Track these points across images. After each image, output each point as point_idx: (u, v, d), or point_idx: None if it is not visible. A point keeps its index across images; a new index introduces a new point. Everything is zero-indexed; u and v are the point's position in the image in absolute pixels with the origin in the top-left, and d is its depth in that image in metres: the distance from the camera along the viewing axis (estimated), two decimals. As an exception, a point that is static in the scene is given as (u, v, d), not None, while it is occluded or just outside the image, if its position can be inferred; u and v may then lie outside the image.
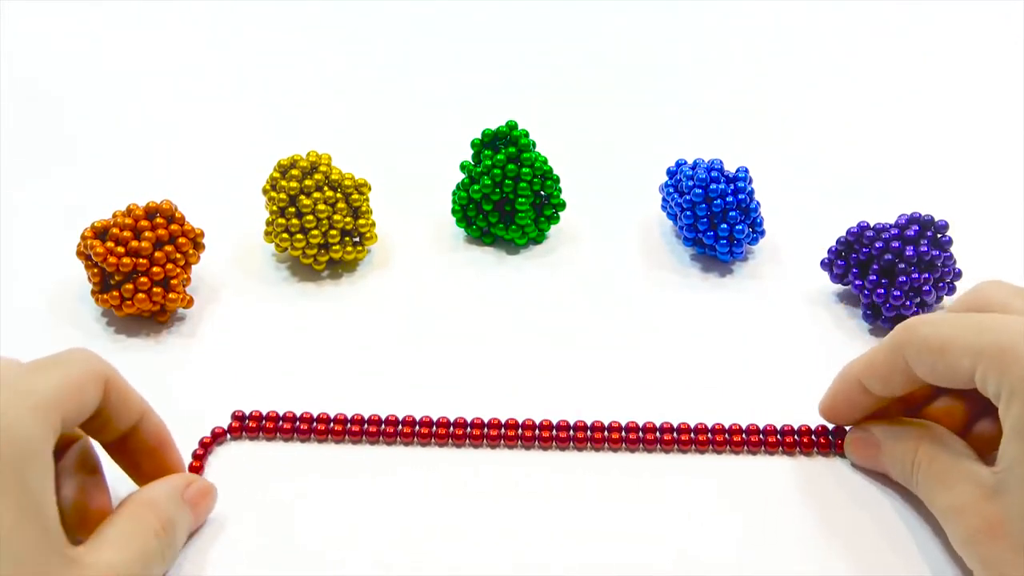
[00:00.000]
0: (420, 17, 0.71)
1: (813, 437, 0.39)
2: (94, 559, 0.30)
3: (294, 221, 0.45)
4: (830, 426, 0.39)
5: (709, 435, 0.39)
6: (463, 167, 0.49)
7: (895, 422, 0.37)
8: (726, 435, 0.39)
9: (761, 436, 0.39)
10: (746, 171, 0.47)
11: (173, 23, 0.70)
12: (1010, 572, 0.30)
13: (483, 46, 0.68)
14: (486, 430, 0.39)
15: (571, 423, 0.39)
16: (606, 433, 0.39)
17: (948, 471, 0.34)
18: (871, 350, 0.36)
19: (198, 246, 0.45)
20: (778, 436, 0.39)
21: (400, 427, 0.39)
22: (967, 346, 0.32)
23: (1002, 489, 0.31)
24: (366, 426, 0.39)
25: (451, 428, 0.39)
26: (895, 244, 0.43)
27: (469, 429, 0.39)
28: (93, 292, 0.44)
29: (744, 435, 0.39)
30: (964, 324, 0.33)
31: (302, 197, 0.45)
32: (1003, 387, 0.31)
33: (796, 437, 0.39)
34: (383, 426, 0.39)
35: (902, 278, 0.43)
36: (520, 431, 0.39)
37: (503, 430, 0.39)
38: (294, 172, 0.45)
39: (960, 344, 0.32)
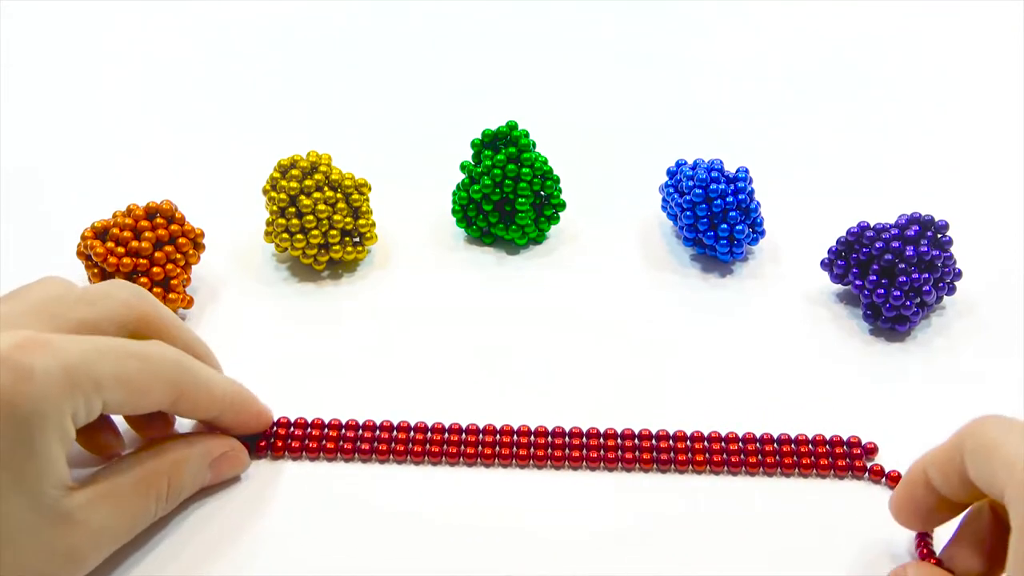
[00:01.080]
0: (420, 17, 0.71)
1: (828, 447, 0.38)
2: (86, 516, 0.30)
3: (294, 221, 0.45)
4: (844, 436, 0.39)
5: (722, 446, 0.38)
6: (463, 167, 0.49)
7: (931, 569, 0.32)
8: (741, 454, 0.38)
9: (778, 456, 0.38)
10: (746, 171, 0.47)
11: (173, 22, 0.70)
12: None
13: (483, 46, 0.68)
14: (484, 438, 0.39)
15: (584, 431, 0.39)
16: (619, 440, 0.39)
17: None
18: (945, 442, 0.31)
19: (198, 246, 0.45)
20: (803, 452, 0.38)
21: (395, 433, 0.39)
22: (1010, 453, 0.28)
23: None
24: (361, 432, 0.39)
25: (445, 434, 0.39)
26: (895, 244, 0.43)
27: (464, 435, 0.39)
28: (93, 292, 0.44)
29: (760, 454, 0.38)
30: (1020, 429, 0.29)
31: (302, 197, 0.45)
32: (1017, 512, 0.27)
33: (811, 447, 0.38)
34: (378, 431, 0.39)
35: (902, 278, 0.43)
36: (516, 437, 0.39)
37: (498, 439, 0.39)
38: (294, 172, 0.45)
39: (1007, 449, 0.28)
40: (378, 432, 0.39)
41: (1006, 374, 0.42)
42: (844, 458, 0.38)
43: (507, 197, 0.48)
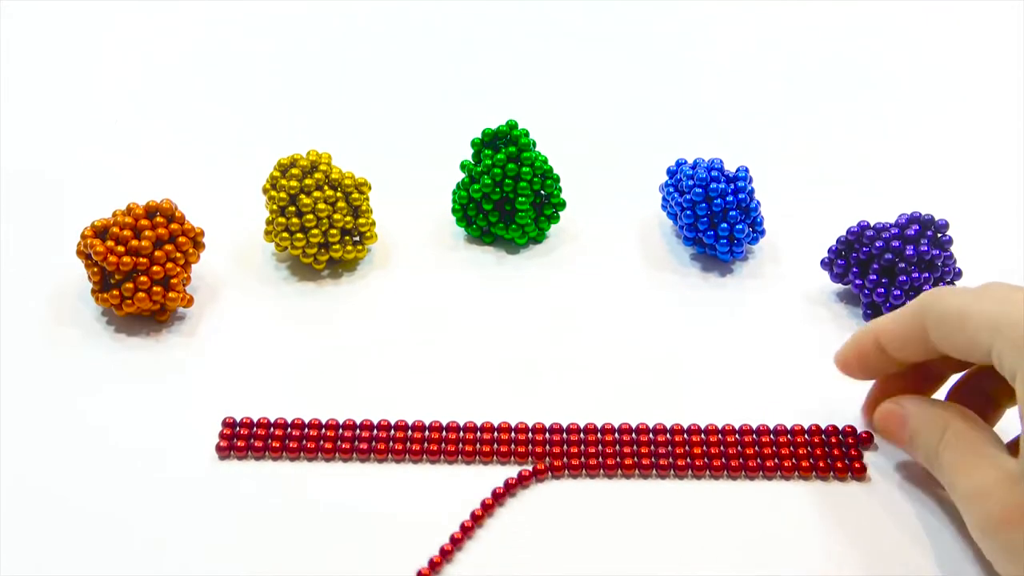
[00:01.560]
0: (420, 16, 0.71)
1: (824, 437, 0.39)
2: None
3: (294, 220, 0.45)
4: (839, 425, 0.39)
5: (721, 444, 0.38)
6: (463, 166, 0.49)
7: (926, 400, 0.36)
8: (740, 457, 0.38)
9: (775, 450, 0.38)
10: (746, 171, 0.47)
11: (173, 22, 0.70)
12: None
13: (483, 45, 0.68)
14: (481, 435, 0.39)
15: (582, 426, 0.39)
16: (616, 435, 0.39)
17: (973, 455, 0.33)
18: (895, 311, 0.36)
19: (198, 245, 0.45)
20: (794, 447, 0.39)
21: (393, 432, 0.39)
22: (987, 319, 0.31)
23: None
24: (359, 432, 0.39)
25: (443, 432, 0.39)
26: (895, 243, 0.43)
27: (462, 433, 0.39)
28: (93, 291, 0.44)
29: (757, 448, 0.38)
30: (987, 296, 0.32)
31: (302, 196, 0.45)
32: (1018, 366, 0.30)
33: (807, 437, 0.39)
34: (376, 431, 0.39)
35: (902, 277, 0.43)
36: (513, 434, 0.39)
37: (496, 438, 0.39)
38: (294, 171, 0.45)
39: (980, 316, 0.32)
40: (375, 431, 0.39)
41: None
42: (840, 447, 0.38)
43: (507, 196, 0.48)
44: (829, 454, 0.38)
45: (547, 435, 0.39)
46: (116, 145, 0.57)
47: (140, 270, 0.43)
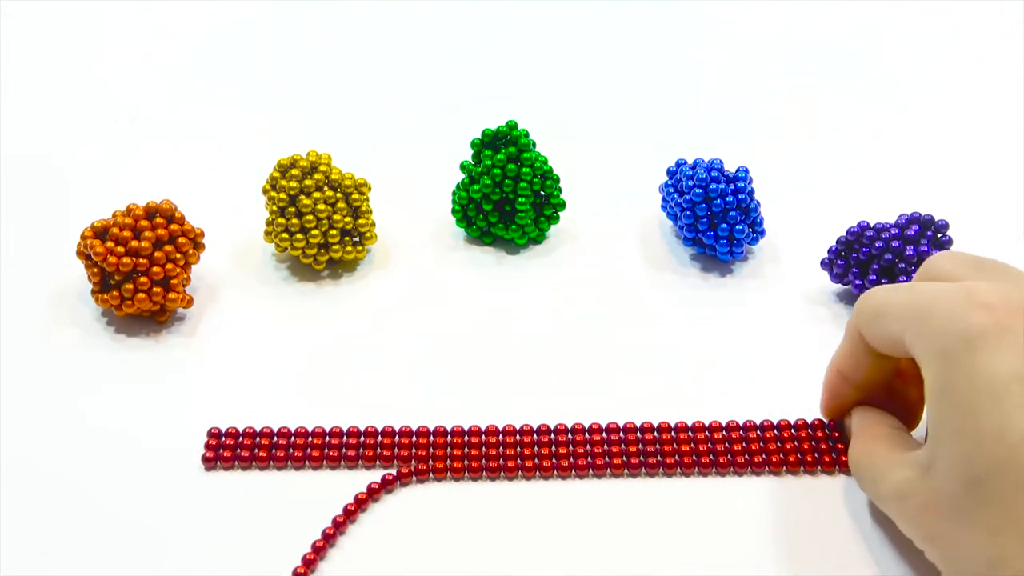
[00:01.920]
0: (420, 17, 0.71)
1: (811, 431, 0.39)
2: None
3: (294, 221, 0.45)
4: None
5: (709, 445, 0.38)
6: (463, 167, 0.49)
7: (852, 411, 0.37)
8: (727, 452, 0.38)
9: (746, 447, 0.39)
10: (746, 171, 0.47)
11: (173, 22, 0.70)
12: (954, 541, 0.30)
13: (484, 46, 0.68)
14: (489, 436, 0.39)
15: (586, 426, 0.39)
16: (616, 434, 0.39)
17: (883, 460, 0.34)
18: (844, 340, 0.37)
19: (198, 246, 0.45)
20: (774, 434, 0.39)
21: (397, 438, 0.39)
22: (898, 309, 0.33)
23: (933, 462, 0.31)
24: (363, 438, 0.39)
25: (448, 437, 0.39)
26: (895, 244, 0.43)
27: (467, 437, 0.39)
28: (93, 292, 0.44)
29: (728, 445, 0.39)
30: (901, 288, 0.34)
31: (302, 197, 0.45)
32: (920, 350, 0.31)
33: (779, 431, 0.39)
34: (380, 438, 0.39)
35: (902, 278, 0.43)
36: (519, 437, 0.39)
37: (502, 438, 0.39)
38: (294, 172, 0.45)
39: (893, 308, 0.33)
40: (380, 438, 0.39)
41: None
42: (827, 440, 0.39)
43: (507, 197, 0.48)
44: (816, 448, 0.38)
45: (552, 435, 0.39)
46: (116, 146, 0.57)
47: (140, 271, 0.43)
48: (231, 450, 0.38)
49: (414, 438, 0.39)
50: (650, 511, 0.36)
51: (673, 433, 0.39)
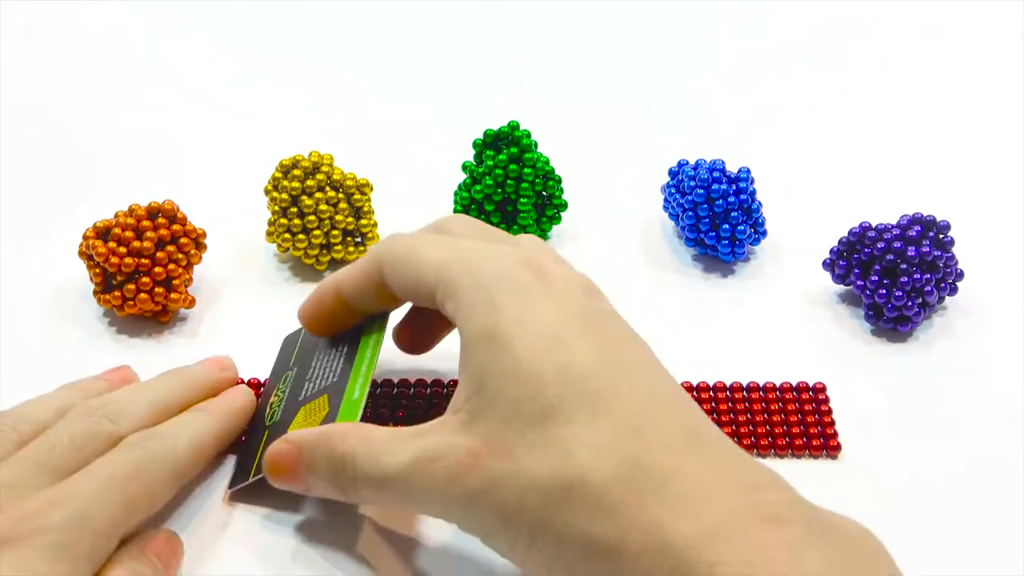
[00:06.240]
0: (422, 17, 0.71)
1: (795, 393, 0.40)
2: None
3: (296, 221, 0.45)
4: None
5: None
6: (465, 167, 0.49)
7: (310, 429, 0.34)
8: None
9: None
10: (748, 171, 0.47)
11: (175, 22, 0.70)
12: (502, 485, 0.29)
13: (485, 46, 0.68)
14: None
15: None
16: None
17: (387, 441, 0.32)
18: (352, 264, 0.37)
19: (200, 246, 0.45)
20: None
21: None
22: (434, 264, 0.33)
23: (478, 411, 0.30)
24: None
25: None
26: (897, 245, 0.43)
27: None
28: (95, 292, 0.44)
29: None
30: (437, 239, 0.35)
31: (304, 197, 0.45)
32: (456, 305, 0.32)
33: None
34: None
35: (904, 279, 0.43)
36: None
37: None
38: (296, 172, 0.46)
39: (429, 261, 0.33)
40: None
41: (1008, 374, 0.42)
42: (816, 425, 0.39)
43: (509, 197, 0.48)
44: (805, 432, 0.39)
45: None
46: (118, 145, 0.57)
47: (142, 271, 0.43)
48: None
49: None
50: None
51: None
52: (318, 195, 0.45)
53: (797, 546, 0.26)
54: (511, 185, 0.48)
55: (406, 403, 0.40)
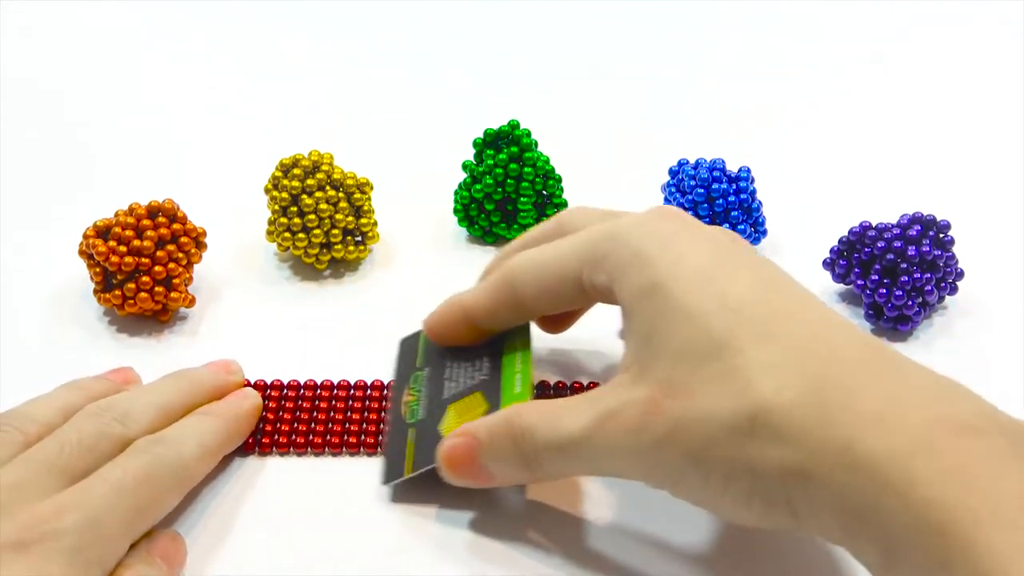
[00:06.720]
0: (422, 17, 0.71)
1: None
2: None
3: (296, 220, 0.45)
4: None
5: None
6: (465, 166, 0.49)
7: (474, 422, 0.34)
8: None
9: None
10: (748, 171, 0.47)
11: (175, 22, 0.70)
12: (686, 426, 0.28)
13: (485, 46, 0.68)
14: None
15: None
16: None
17: (564, 408, 0.32)
18: (479, 285, 0.38)
19: (200, 245, 0.45)
20: None
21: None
22: (571, 252, 0.34)
23: (647, 361, 0.30)
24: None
25: None
26: (897, 244, 0.43)
27: None
28: (95, 291, 0.44)
29: None
30: (560, 241, 0.35)
31: (304, 196, 0.45)
32: (608, 274, 0.32)
33: None
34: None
35: (904, 278, 0.43)
36: None
37: None
38: (296, 171, 0.46)
39: (563, 252, 0.34)
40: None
41: (1008, 373, 0.42)
42: None
43: (509, 196, 0.48)
44: None
45: None
46: (118, 144, 0.57)
47: (142, 270, 0.43)
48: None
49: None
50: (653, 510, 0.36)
51: None
52: (318, 194, 0.45)
53: (997, 457, 0.25)
54: (511, 184, 0.48)
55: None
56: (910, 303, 0.43)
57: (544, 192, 0.49)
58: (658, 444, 0.29)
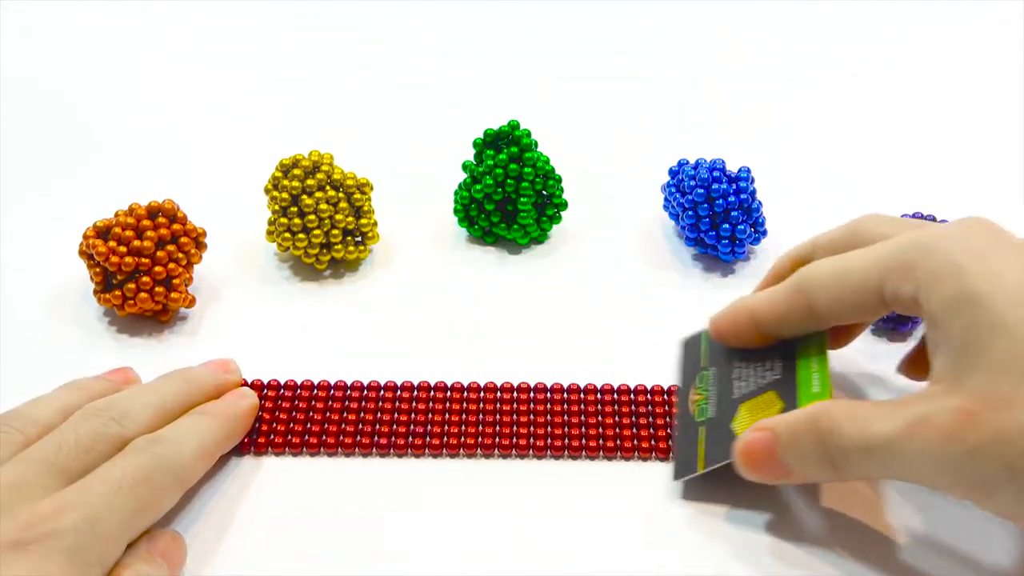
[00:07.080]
0: (422, 17, 0.71)
1: None
2: None
3: (296, 220, 0.45)
4: None
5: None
6: (465, 167, 0.49)
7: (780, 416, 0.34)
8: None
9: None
10: (748, 171, 0.47)
11: (175, 22, 0.70)
12: (1006, 438, 0.28)
13: (485, 46, 0.68)
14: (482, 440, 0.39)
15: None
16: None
17: (873, 410, 0.31)
18: (770, 291, 0.37)
19: (200, 245, 0.45)
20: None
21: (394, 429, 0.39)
22: (873, 262, 0.33)
23: (964, 372, 0.30)
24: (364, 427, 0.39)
25: (444, 437, 0.39)
26: (897, 244, 0.43)
27: (463, 438, 0.39)
28: (95, 292, 0.44)
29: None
30: (861, 251, 0.34)
31: (304, 196, 0.45)
32: (916, 284, 0.32)
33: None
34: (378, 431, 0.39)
35: (904, 278, 0.43)
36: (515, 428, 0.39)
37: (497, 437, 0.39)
38: (296, 171, 0.46)
39: (864, 262, 0.34)
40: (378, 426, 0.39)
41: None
42: None
43: (509, 197, 0.48)
44: None
45: (549, 428, 0.39)
46: (118, 144, 0.57)
47: (142, 270, 0.43)
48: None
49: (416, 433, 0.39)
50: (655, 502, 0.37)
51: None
52: (318, 194, 0.45)
53: None
54: (511, 184, 0.48)
55: None
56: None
57: (544, 192, 0.49)
58: (972, 453, 0.29)
